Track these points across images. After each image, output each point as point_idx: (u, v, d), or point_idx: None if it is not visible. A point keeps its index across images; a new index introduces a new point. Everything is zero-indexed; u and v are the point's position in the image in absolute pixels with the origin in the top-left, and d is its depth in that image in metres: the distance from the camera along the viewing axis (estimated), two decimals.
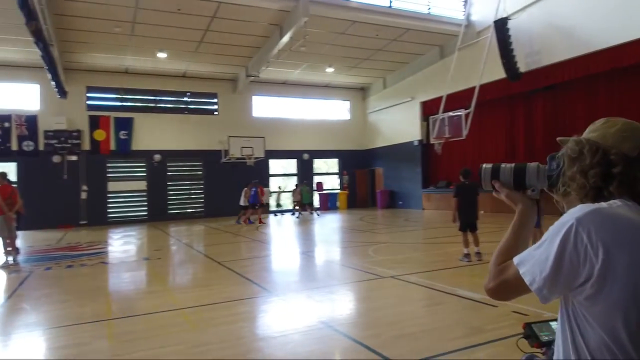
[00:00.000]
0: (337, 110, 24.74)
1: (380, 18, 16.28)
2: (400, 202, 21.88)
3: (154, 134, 20.15)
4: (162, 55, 18.03)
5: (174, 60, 18.72)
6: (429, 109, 19.95)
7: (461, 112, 16.12)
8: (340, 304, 5.58)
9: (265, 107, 22.89)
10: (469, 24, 17.68)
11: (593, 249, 1.09)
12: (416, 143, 21.00)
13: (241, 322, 4.81)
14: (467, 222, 7.61)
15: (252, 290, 6.21)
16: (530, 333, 2.17)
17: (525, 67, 15.48)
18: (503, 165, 1.45)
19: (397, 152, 22.13)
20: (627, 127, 1.24)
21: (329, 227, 15.51)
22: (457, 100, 17.64)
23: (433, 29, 17.72)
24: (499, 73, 15.71)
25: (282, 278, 7.32)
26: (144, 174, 20.16)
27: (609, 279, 1.10)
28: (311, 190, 20.62)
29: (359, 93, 25.14)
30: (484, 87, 16.38)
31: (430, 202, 20.14)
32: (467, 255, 7.57)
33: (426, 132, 20.44)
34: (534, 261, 1.18)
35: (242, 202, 16.78)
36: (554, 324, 2.20)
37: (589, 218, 1.12)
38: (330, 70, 21.05)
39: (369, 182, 24.25)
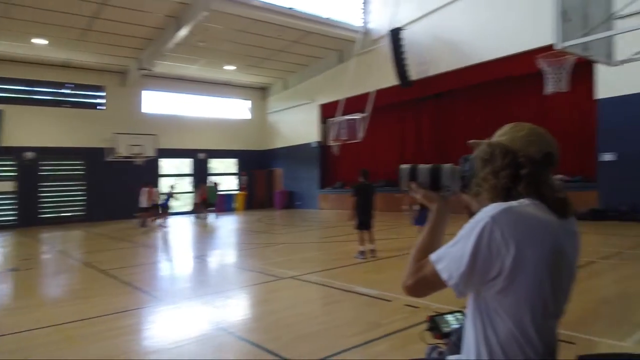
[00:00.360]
0: (238, 109, 24.26)
1: (282, 19, 16.28)
2: (299, 203, 22.11)
3: (27, 129, 17.90)
4: (40, 41, 16.12)
5: (55, 47, 16.83)
6: (327, 111, 20.42)
7: (357, 116, 16.72)
8: (238, 309, 5.40)
9: (158, 103, 21.61)
10: (366, 31, 18.45)
11: (505, 245, 1.14)
12: (315, 144, 21.39)
13: (129, 334, 4.40)
14: (364, 221, 7.85)
15: (141, 300, 5.75)
16: (433, 325, 2.24)
17: (416, 75, 16.56)
18: (420, 166, 1.49)
19: (296, 153, 22.34)
20: (533, 132, 1.32)
21: (226, 229, 15.09)
22: (354, 104, 18.28)
23: (333, 34, 18.18)
24: (393, 80, 16.62)
25: (176, 285, 6.89)
26: (13, 174, 17.82)
27: (519, 273, 1.15)
28: (217, 190, 19.72)
29: (260, 93, 24.93)
30: (379, 93, 17.19)
31: (327, 202, 20.62)
32: (362, 253, 7.81)
33: (324, 134, 20.93)
34: (450, 258, 1.21)
35: (144, 204, 15.51)
36: (449, 317, 2.28)
37: (502, 216, 1.17)
38: (230, 68, 20.56)
39: (267, 182, 24.14)
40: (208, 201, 18.39)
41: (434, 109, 17.42)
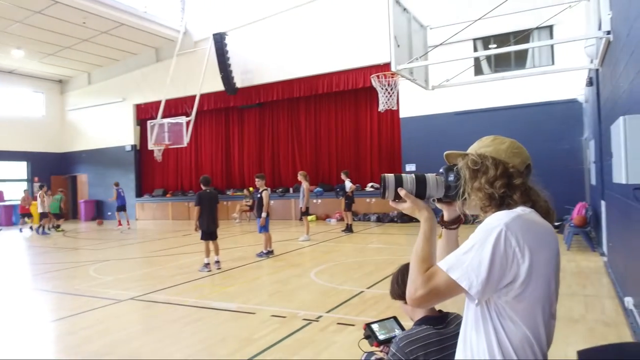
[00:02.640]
0: (27, 103, 20.39)
1: (89, 5, 14.48)
2: (110, 213, 19.75)
3: None
4: None
5: None
6: (144, 112, 18.92)
7: (182, 120, 15.88)
8: (74, 343, 4.46)
9: None
10: (186, 32, 17.69)
11: (521, 251, 1.20)
12: (129, 148, 19.48)
13: None
14: (209, 231, 7.48)
15: None
16: (370, 333, 2.23)
17: (241, 83, 16.59)
18: (404, 175, 1.44)
19: (105, 157, 19.96)
20: (515, 145, 1.41)
21: (24, 245, 12.51)
22: (176, 106, 17.37)
23: (148, 29, 16.95)
24: (219, 85, 16.32)
25: None
26: None
27: (533, 277, 1.22)
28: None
29: (57, 86, 21.52)
30: (204, 97, 16.66)
31: (146, 211, 18.99)
32: (207, 265, 7.43)
33: (140, 136, 19.30)
34: (467, 266, 1.21)
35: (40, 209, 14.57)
36: (382, 324, 2.31)
37: (516, 223, 1.22)
38: (18, 53, 17.19)
39: (69, 190, 20.92)
40: (51, 211, 15.08)
41: (258, 117, 17.71)
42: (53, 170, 20.63)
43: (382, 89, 8.75)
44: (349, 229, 11.59)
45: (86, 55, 18.48)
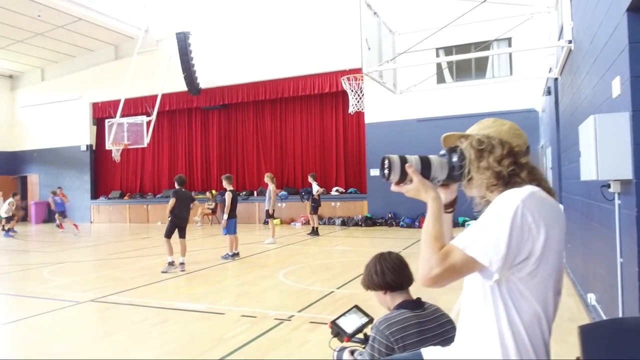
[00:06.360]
0: None
1: None
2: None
3: None
4: None
5: None
6: (102, 111, 18.24)
7: (143, 119, 15.40)
8: (35, 345, 4.19)
9: None
10: (148, 30, 17.23)
11: (536, 227, 1.20)
12: (84, 148, 18.69)
13: None
14: (180, 225, 7.48)
15: None
16: (338, 330, 2.18)
17: (205, 84, 16.30)
18: (407, 156, 1.40)
19: (59, 157, 19.05)
20: (515, 127, 1.42)
21: None
22: (136, 105, 16.85)
23: (108, 25, 16.43)
24: (181, 85, 15.96)
25: None
26: None
27: (547, 252, 1.22)
28: None
29: (7, 81, 20.42)
30: (165, 97, 16.25)
31: (101, 214, 18.23)
32: (172, 264, 7.27)
33: (97, 136, 18.58)
34: (484, 243, 1.20)
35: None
36: (347, 317, 2.25)
37: (531, 200, 1.22)
38: None
39: (19, 191, 19.78)
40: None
41: (222, 119, 17.42)
42: (1, 169, 19.50)
43: (352, 91, 8.84)
44: (314, 232, 11.58)
45: (40, 50, 17.66)
